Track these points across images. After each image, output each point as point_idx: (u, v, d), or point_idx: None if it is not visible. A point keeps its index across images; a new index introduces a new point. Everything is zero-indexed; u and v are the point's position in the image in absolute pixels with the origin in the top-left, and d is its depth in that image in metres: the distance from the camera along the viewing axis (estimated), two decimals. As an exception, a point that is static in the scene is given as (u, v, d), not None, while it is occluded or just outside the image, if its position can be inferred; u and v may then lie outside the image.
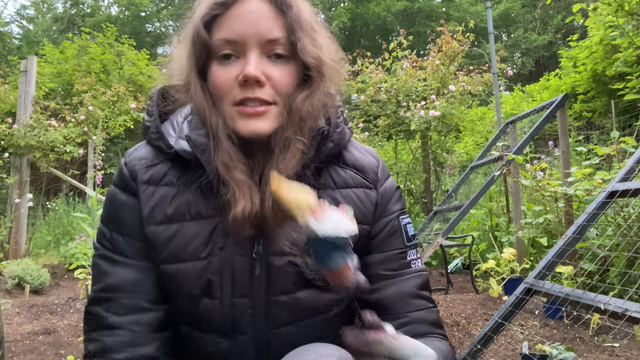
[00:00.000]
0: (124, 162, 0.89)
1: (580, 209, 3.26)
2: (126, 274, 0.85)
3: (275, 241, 0.83)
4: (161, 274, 0.85)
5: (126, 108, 7.47)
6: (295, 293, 0.84)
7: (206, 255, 0.83)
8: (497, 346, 2.62)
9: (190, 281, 0.83)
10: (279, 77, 0.81)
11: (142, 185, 0.85)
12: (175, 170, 0.86)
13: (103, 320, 0.83)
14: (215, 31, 0.82)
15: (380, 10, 21.30)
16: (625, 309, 1.50)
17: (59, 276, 5.52)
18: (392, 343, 0.61)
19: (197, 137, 0.83)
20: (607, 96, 7.53)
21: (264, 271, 0.84)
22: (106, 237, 0.87)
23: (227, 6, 0.81)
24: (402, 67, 7.05)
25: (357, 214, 0.87)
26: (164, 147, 0.86)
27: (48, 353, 2.80)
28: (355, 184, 0.91)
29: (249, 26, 0.79)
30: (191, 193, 0.84)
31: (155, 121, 0.89)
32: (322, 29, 0.89)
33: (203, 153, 0.82)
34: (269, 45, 0.80)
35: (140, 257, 0.86)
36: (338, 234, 0.61)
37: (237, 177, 0.80)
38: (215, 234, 0.83)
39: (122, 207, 0.87)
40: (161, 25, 24.70)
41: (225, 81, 0.80)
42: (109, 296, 0.84)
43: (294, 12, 0.82)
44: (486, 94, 9.03)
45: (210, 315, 0.84)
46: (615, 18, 4.40)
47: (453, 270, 5.21)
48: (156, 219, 0.84)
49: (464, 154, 8.64)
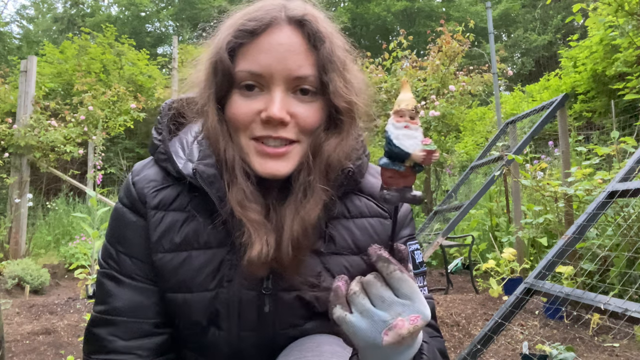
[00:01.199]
0: (131, 181, 0.85)
1: (580, 209, 3.26)
2: (132, 296, 0.82)
3: (286, 277, 0.80)
4: (168, 301, 0.83)
5: (126, 108, 7.47)
6: (303, 325, 0.83)
7: (214, 287, 0.80)
8: (497, 346, 2.62)
9: (197, 311, 0.81)
10: (304, 115, 0.75)
11: (151, 210, 0.82)
12: (186, 194, 0.82)
13: (107, 344, 0.80)
14: (239, 60, 0.76)
15: (380, 10, 21.30)
16: (625, 309, 1.50)
17: (59, 276, 5.52)
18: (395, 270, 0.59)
19: (205, 168, 0.79)
20: (607, 96, 7.53)
21: (272, 307, 0.81)
22: (112, 257, 0.84)
23: (255, 35, 0.75)
24: (402, 67, 7.05)
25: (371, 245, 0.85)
26: (173, 172, 0.82)
27: (48, 353, 2.80)
28: (371, 214, 0.87)
29: (277, 60, 0.73)
30: (201, 220, 0.81)
31: (164, 141, 0.84)
32: (351, 61, 0.82)
33: (212, 185, 0.78)
34: (296, 82, 0.75)
35: (146, 280, 0.83)
36: (399, 144, 0.59)
37: (253, 217, 0.75)
38: (224, 265, 0.80)
39: (129, 227, 0.83)
40: (161, 25, 24.71)
41: (246, 114, 0.75)
42: (115, 319, 0.81)
43: (326, 48, 0.76)
44: (486, 94, 9.03)
45: (216, 344, 0.83)
46: (615, 18, 4.40)
47: (453, 270, 5.21)
48: (164, 247, 0.81)
49: (464, 154, 8.64)
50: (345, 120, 0.79)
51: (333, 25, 0.81)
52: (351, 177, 0.82)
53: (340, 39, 0.81)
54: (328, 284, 0.81)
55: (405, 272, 0.61)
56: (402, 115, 0.61)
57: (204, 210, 0.80)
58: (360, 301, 0.60)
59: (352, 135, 0.81)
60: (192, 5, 22.10)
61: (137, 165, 0.89)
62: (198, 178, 0.78)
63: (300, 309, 0.82)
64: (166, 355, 0.85)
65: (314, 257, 0.81)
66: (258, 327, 0.82)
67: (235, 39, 0.75)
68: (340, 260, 0.83)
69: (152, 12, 23.44)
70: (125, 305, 0.81)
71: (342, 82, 0.77)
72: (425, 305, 0.61)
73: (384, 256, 0.61)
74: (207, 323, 0.81)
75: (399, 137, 0.60)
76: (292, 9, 0.78)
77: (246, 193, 0.76)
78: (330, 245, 0.83)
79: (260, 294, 0.81)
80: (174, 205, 0.82)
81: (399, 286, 0.60)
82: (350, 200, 0.86)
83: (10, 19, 21.59)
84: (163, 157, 0.84)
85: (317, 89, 0.76)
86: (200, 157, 0.81)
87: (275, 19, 0.76)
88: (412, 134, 0.60)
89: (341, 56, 0.78)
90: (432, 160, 0.60)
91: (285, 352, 0.80)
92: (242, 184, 0.76)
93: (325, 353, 0.75)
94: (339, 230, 0.84)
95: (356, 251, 0.84)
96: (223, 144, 0.77)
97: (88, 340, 0.84)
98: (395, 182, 0.62)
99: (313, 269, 0.81)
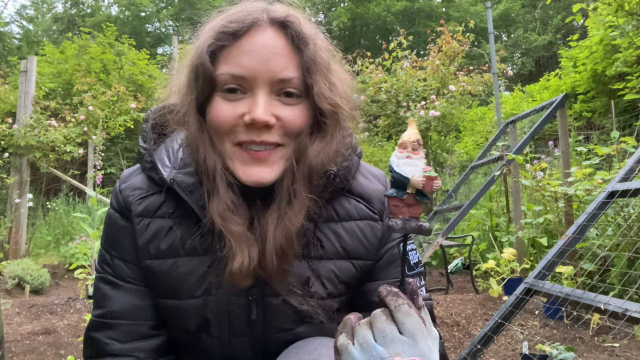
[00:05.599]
0: (118, 189, 0.85)
1: (580, 209, 3.26)
2: (128, 299, 0.82)
3: (272, 284, 0.79)
4: (161, 306, 0.83)
5: (126, 108, 7.47)
6: (294, 329, 0.82)
7: (201, 294, 0.80)
8: (497, 346, 2.61)
9: (187, 318, 0.81)
10: (289, 118, 0.74)
11: (137, 217, 0.82)
12: (171, 201, 0.81)
13: (105, 347, 0.80)
14: (221, 63, 0.74)
15: (380, 10, 21.30)
16: (625, 309, 1.50)
17: (59, 276, 5.52)
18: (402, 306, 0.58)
19: (184, 177, 0.78)
20: (607, 96, 7.53)
21: (260, 312, 0.81)
22: (107, 262, 0.84)
23: (237, 37, 0.73)
24: (402, 67, 7.06)
25: (359, 249, 0.83)
26: (157, 180, 0.81)
27: (48, 353, 2.80)
28: (360, 216, 0.85)
29: (260, 62, 0.72)
30: (186, 227, 0.80)
31: (149, 150, 0.84)
32: (336, 62, 0.81)
33: (191, 194, 0.77)
34: (280, 84, 0.73)
35: (141, 283, 0.83)
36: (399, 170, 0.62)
37: (234, 229, 0.74)
38: (211, 272, 0.79)
39: (122, 232, 0.83)
40: (161, 25, 24.71)
41: (229, 118, 0.73)
42: (112, 322, 0.81)
43: (310, 50, 0.74)
44: (486, 94, 9.03)
45: (209, 350, 0.83)
46: (615, 18, 4.40)
47: (453, 270, 5.21)
48: (150, 253, 0.81)
49: (464, 154, 8.64)
50: (330, 123, 0.77)
51: (315, 27, 0.80)
52: (333, 181, 0.81)
53: (324, 40, 0.80)
54: (316, 289, 0.81)
55: (413, 308, 0.59)
56: (405, 147, 0.64)
57: (189, 218, 0.80)
58: (363, 332, 0.59)
59: (336, 138, 0.79)
60: (192, 5, 22.10)
61: (125, 172, 0.89)
62: (176, 187, 0.78)
63: (290, 314, 0.81)
64: (165, 358, 0.85)
65: (302, 262, 0.81)
66: (248, 333, 0.82)
67: (217, 41, 0.73)
68: (328, 265, 0.82)
69: (152, 12, 23.44)
70: (122, 308, 0.81)
71: (326, 84, 0.76)
72: (430, 347, 0.58)
73: (394, 290, 0.60)
74: (197, 330, 0.82)
75: (399, 165, 0.63)
76: (274, 11, 0.76)
77: (227, 204, 0.74)
78: (318, 250, 0.82)
79: (248, 300, 0.80)
80: (159, 213, 0.81)
81: (404, 321, 0.58)
82: (339, 203, 0.84)
83: (10, 19, 21.61)
84: (149, 166, 0.83)
85: (301, 91, 0.75)
86: (181, 166, 0.81)
87: (257, 21, 0.74)
88: (413, 163, 0.63)
89: (325, 58, 0.77)
90: (434, 188, 0.62)
91: (284, 354, 0.80)
92: (223, 194, 0.74)
93: (322, 356, 0.74)
94: (327, 234, 0.83)
95: (344, 255, 0.83)
96: (203, 152, 0.75)
97: (87, 345, 0.84)
98: (400, 211, 0.63)
99: (302, 275, 0.80)
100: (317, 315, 0.81)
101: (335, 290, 0.83)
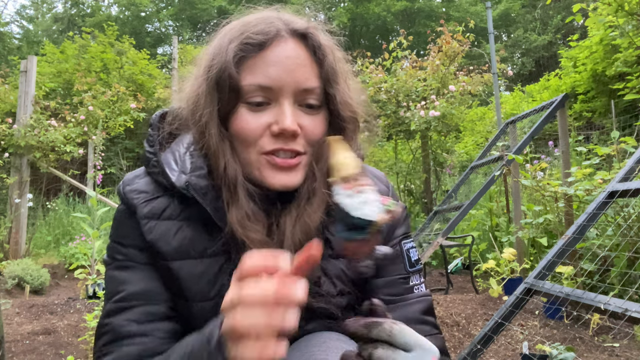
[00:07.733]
0: (122, 191, 0.85)
1: (580, 209, 3.26)
2: (146, 281, 0.81)
3: None
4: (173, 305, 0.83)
5: (126, 108, 7.48)
6: (305, 327, 0.83)
7: (214, 296, 0.80)
8: (497, 346, 2.62)
9: (200, 320, 0.80)
10: (311, 127, 0.77)
11: (143, 219, 0.82)
12: (177, 204, 0.82)
13: (122, 329, 0.79)
14: (245, 73, 0.75)
15: (380, 10, 21.31)
16: (625, 309, 1.50)
17: (59, 276, 5.53)
18: (393, 327, 0.58)
19: (197, 180, 0.79)
20: (607, 96, 7.54)
21: None
22: (119, 251, 0.83)
23: (262, 48, 0.75)
24: (402, 67, 7.05)
25: None
26: (166, 184, 0.82)
27: (48, 353, 2.80)
28: None
29: (286, 73, 0.74)
30: (194, 228, 0.81)
31: (157, 154, 0.84)
32: (350, 72, 0.85)
33: (205, 197, 0.78)
34: (303, 94, 0.76)
35: (155, 268, 0.83)
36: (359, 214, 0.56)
37: (254, 237, 0.75)
38: (222, 272, 0.80)
39: (132, 226, 0.83)
40: (161, 25, 24.71)
41: (256, 129, 0.75)
42: (130, 305, 0.80)
43: (329, 60, 0.78)
44: (486, 94, 9.03)
45: None
46: (615, 18, 4.40)
47: (453, 270, 5.21)
48: (159, 254, 0.81)
49: (464, 154, 8.64)
50: (349, 127, 0.81)
51: (331, 38, 0.83)
52: None
53: (340, 51, 0.84)
54: (327, 287, 0.82)
55: (397, 323, 0.58)
56: (348, 181, 0.59)
57: (198, 220, 0.80)
58: None
59: (355, 142, 0.84)
60: (192, 5, 22.11)
61: (128, 175, 0.89)
62: (191, 190, 0.78)
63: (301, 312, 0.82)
64: None
65: None
66: None
67: (242, 52, 0.75)
68: (337, 264, 0.84)
69: (152, 12, 23.44)
70: (139, 289, 0.81)
71: (345, 91, 0.79)
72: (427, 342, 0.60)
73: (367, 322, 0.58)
74: None
75: (355, 206, 0.57)
76: (293, 22, 0.79)
77: (248, 213, 0.76)
78: (327, 249, 0.83)
79: None
80: (165, 215, 0.82)
81: (403, 338, 0.58)
82: None
83: (10, 19, 21.61)
84: (156, 171, 0.84)
85: (320, 101, 0.78)
86: (192, 169, 0.82)
87: (279, 32, 0.76)
88: (368, 199, 0.58)
89: (344, 67, 0.81)
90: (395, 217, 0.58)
91: (292, 347, 0.81)
92: (243, 203, 0.76)
93: (331, 348, 0.76)
94: (334, 233, 0.84)
95: None
96: (223, 162, 0.76)
97: (102, 334, 0.82)
98: (362, 250, 0.59)
99: (313, 274, 0.81)
100: (327, 313, 0.82)
101: (345, 289, 0.85)
